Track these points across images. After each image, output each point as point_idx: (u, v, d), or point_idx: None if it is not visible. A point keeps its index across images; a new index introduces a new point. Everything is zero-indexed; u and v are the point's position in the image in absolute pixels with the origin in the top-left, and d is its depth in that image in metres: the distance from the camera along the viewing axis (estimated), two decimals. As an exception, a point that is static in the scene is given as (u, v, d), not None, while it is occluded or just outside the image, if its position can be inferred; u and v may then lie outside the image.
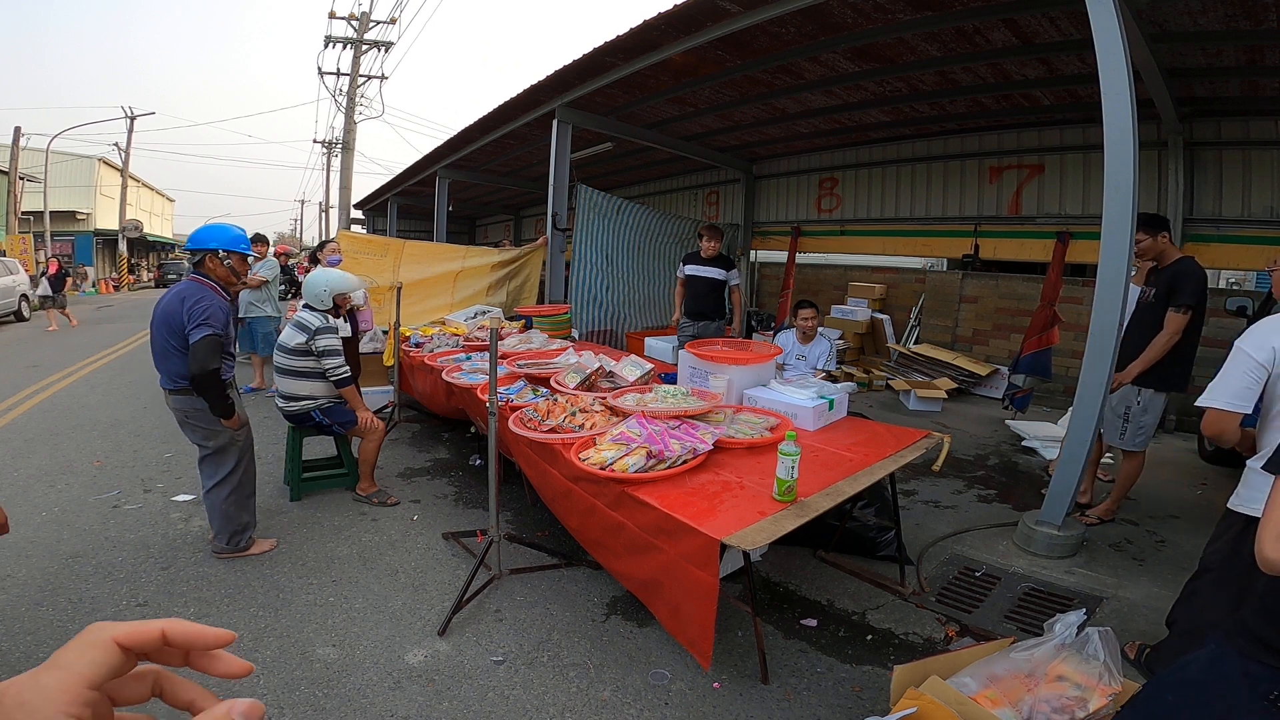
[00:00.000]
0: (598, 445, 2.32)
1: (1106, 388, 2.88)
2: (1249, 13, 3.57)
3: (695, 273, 5.21)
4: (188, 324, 2.62)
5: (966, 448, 4.77)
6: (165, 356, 2.71)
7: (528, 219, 15.51)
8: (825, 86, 5.64)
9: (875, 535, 2.94)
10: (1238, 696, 0.97)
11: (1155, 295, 3.18)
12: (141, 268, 27.10)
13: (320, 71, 15.83)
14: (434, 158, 9.98)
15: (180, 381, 2.68)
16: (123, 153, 22.10)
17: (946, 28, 4.28)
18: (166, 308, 2.70)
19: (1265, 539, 0.92)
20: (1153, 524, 3.46)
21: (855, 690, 2.11)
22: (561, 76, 5.67)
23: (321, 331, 3.33)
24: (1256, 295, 5.23)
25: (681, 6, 4.18)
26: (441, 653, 2.26)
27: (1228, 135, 5.22)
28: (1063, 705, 1.59)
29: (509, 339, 4.42)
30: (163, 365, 2.71)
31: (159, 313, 2.72)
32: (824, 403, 2.81)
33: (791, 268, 8.55)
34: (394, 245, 6.37)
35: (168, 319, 2.68)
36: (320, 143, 23.73)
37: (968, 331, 7.05)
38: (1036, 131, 6.30)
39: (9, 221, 17.01)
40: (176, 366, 2.69)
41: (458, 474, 4.06)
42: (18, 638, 2.27)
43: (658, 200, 10.80)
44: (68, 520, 3.24)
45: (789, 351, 4.23)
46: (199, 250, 2.78)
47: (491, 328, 2.58)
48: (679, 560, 1.87)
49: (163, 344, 2.70)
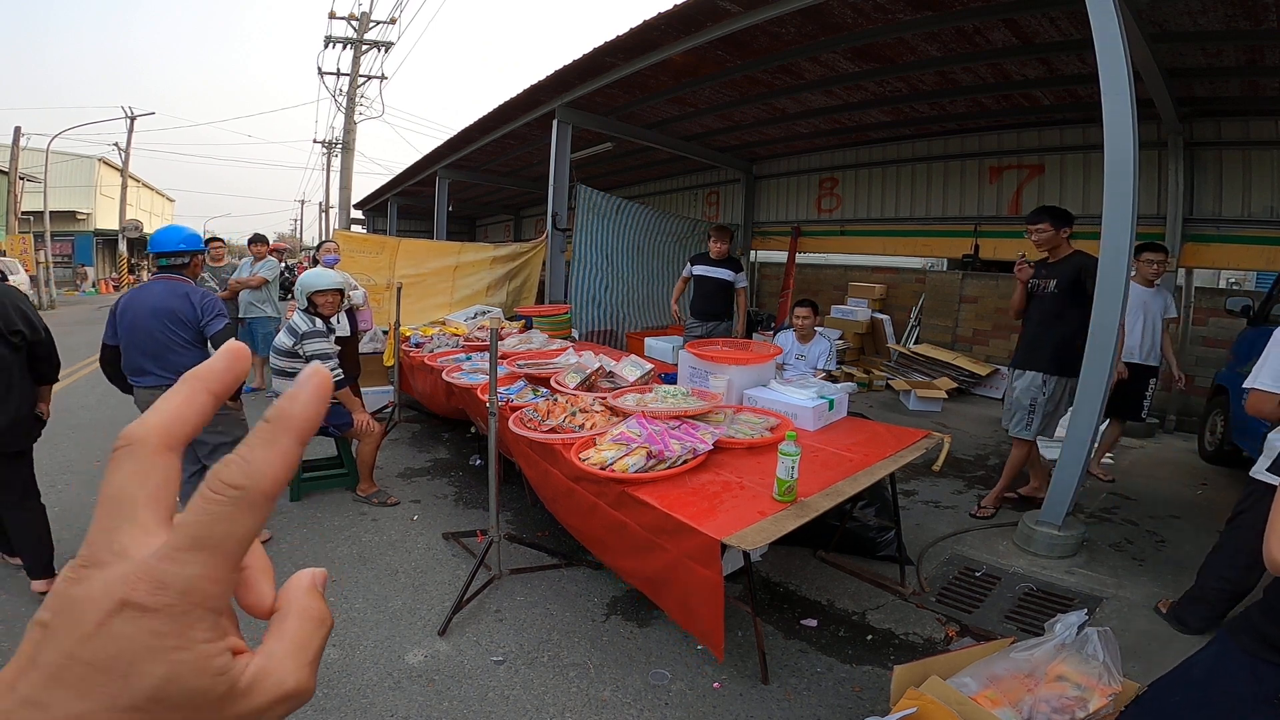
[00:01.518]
0: (598, 445, 2.32)
1: (1106, 387, 2.87)
2: (1249, 13, 3.57)
3: (704, 273, 5.19)
4: (203, 317, 2.68)
5: (966, 448, 4.77)
6: (166, 352, 2.66)
7: (528, 219, 15.51)
8: (825, 86, 5.64)
9: (875, 535, 2.94)
10: (1244, 695, 0.96)
11: (1057, 286, 3.21)
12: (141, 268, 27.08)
13: (320, 71, 15.81)
14: (434, 158, 9.98)
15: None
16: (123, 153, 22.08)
17: (946, 28, 4.28)
18: (164, 304, 2.67)
19: (1273, 542, 0.92)
20: (1153, 524, 3.46)
21: (855, 690, 2.11)
22: (561, 76, 5.67)
23: (309, 336, 3.29)
24: (1257, 295, 5.22)
25: (681, 6, 4.18)
26: (441, 653, 2.26)
27: (1228, 135, 5.22)
28: (1063, 705, 1.59)
29: (509, 339, 4.42)
30: (161, 363, 2.66)
31: (150, 311, 2.66)
32: (824, 403, 2.81)
33: (791, 268, 8.55)
34: (389, 243, 6.40)
35: (172, 315, 2.65)
36: (320, 143, 23.66)
37: (968, 331, 7.05)
38: (1036, 131, 6.30)
39: (9, 221, 17.00)
40: (182, 359, 2.65)
41: (458, 474, 4.06)
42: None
43: (658, 200, 10.80)
44: (68, 520, 3.23)
45: (789, 351, 4.22)
46: (190, 252, 2.82)
47: (491, 328, 2.58)
48: (683, 558, 1.87)
49: (164, 340, 2.66)
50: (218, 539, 0.22)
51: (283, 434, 0.24)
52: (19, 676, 0.21)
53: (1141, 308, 3.80)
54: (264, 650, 0.25)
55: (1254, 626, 1.01)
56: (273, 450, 0.23)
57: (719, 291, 5.19)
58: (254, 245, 5.99)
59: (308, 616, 0.26)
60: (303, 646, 0.25)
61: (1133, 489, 3.99)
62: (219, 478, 0.23)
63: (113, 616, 0.21)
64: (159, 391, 2.62)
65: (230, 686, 0.23)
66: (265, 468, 0.23)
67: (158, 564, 0.22)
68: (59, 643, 0.21)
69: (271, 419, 0.24)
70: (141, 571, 0.22)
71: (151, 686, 0.21)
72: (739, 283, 5.25)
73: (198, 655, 0.22)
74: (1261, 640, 0.98)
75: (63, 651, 0.21)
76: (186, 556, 0.22)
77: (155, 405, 0.25)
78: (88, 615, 0.21)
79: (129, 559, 0.22)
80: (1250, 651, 0.99)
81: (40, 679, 0.21)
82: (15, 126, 16.12)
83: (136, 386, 2.77)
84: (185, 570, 0.22)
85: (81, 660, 0.21)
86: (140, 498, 0.23)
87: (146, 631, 0.21)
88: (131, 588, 0.22)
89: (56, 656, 0.21)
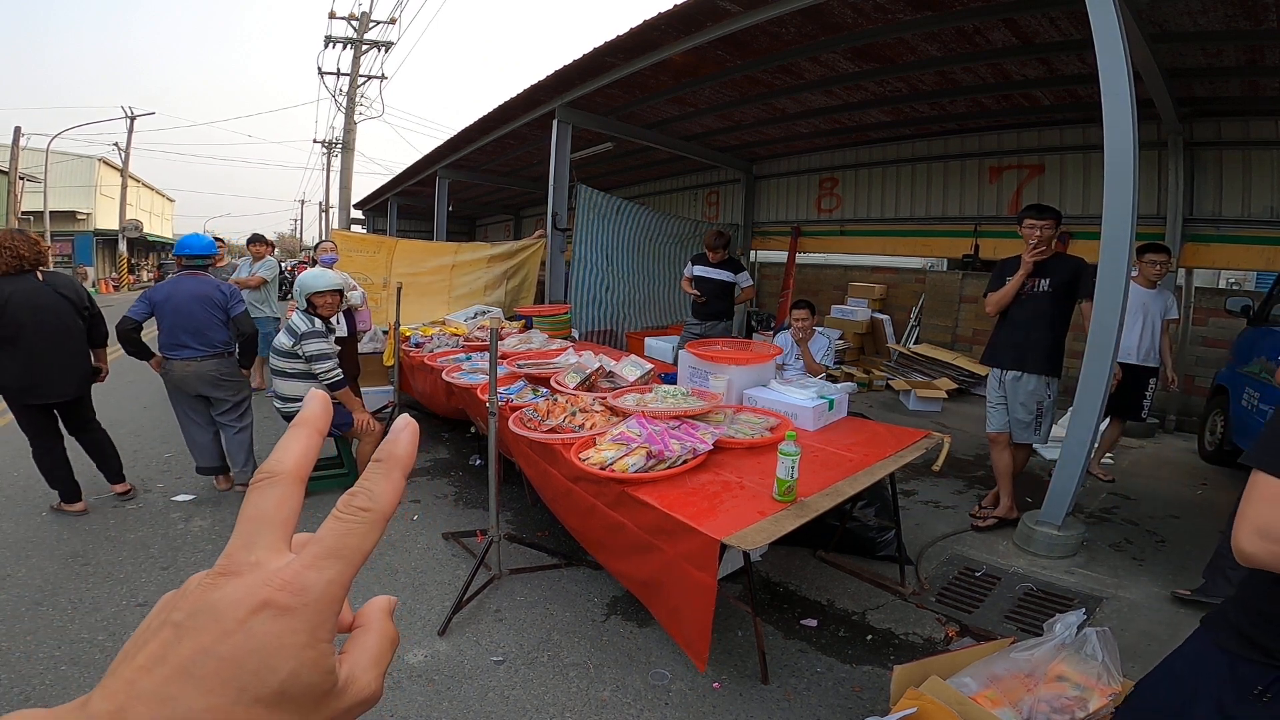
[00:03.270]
0: (598, 445, 2.32)
1: (1107, 387, 2.87)
2: (1249, 13, 3.57)
3: (703, 274, 5.20)
4: (230, 301, 3.47)
5: (966, 448, 4.77)
6: (208, 329, 3.39)
7: (528, 219, 15.51)
8: (825, 86, 5.64)
9: (875, 535, 2.94)
10: (1224, 693, 0.96)
11: (1051, 286, 3.15)
12: (141, 268, 27.08)
13: (320, 71, 15.81)
14: (434, 158, 9.98)
15: (219, 346, 3.44)
16: (123, 153, 22.09)
17: (946, 28, 4.28)
18: (203, 292, 3.42)
19: (1241, 532, 0.90)
20: (1153, 524, 3.46)
21: (855, 690, 2.11)
22: (562, 76, 5.67)
23: (308, 336, 3.31)
24: (1257, 295, 5.23)
25: (681, 6, 4.18)
26: (441, 653, 2.26)
27: (1228, 135, 5.22)
28: (1063, 705, 1.59)
29: (509, 339, 4.42)
30: (200, 339, 3.37)
31: (193, 298, 3.38)
32: (824, 403, 2.81)
33: (791, 268, 8.54)
34: (386, 243, 6.43)
35: (209, 301, 3.42)
36: (320, 143, 23.68)
37: (968, 331, 7.05)
38: (1036, 131, 6.30)
39: (9, 221, 17.00)
40: (221, 334, 3.44)
41: (458, 474, 4.06)
42: (18, 638, 2.28)
43: (658, 200, 10.80)
44: (68, 520, 3.24)
45: (789, 351, 4.22)
46: (211, 255, 3.65)
47: (491, 328, 2.58)
48: (678, 561, 1.86)
49: (205, 319, 3.39)
50: (349, 551, 0.27)
51: (394, 469, 0.29)
52: (142, 674, 0.23)
53: (1141, 308, 3.79)
54: (349, 659, 0.28)
55: (1230, 624, 1.00)
56: (387, 482, 0.29)
57: (718, 292, 5.20)
58: (253, 245, 5.99)
59: (385, 635, 0.30)
60: (379, 660, 0.29)
61: (1133, 489, 3.99)
62: (351, 503, 0.28)
63: (254, 615, 0.24)
64: (194, 362, 3.37)
65: (334, 685, 0.26)
66: (384, 495, 0.29)
67: (300, 570, 0.26)
68: (196, 639, 0.24)
69: (383, 459, 0.30)
70: (284, 576, 0.25)
71: (279, 681, 0.24)
72: (743, 282, 5.25)
73: (319, 653, 0.25)
74: (1239, 637, 0.97)
75: (200, 648, 0.23)
76: (324, 564, 0.26)
77: (285, 446, 0.30)
78: (228, 615, 0.24)
79: (264, 568, 0.26)
80: (1227, 648, 0.99)
81: (169, 674, 0.23)
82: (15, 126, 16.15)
83: (174, 359, 3.36)
84: (323, 576, 0.26)
85: (218, 655, 0.23)
86: (276, 520, 0.28)
87: (284, 629, 0.24)
88: (274, 591, 0.25)
89: (192, 653, 0.23)
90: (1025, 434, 3.26)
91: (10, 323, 2.96)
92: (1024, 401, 3.22)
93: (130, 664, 0.24)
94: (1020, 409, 3.24)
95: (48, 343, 3.07)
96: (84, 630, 2.33)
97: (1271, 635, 0.93)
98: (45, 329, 3.06)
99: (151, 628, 0.25)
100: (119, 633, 2.33)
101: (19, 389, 3.07)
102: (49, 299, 3.09)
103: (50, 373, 3.09)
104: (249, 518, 0.27)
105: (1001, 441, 3.35)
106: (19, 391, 3.08)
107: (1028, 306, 3.22)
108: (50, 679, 2.08)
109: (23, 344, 3.00)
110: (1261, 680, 0.92)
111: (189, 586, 0.26)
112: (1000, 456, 3.36)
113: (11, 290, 2.98)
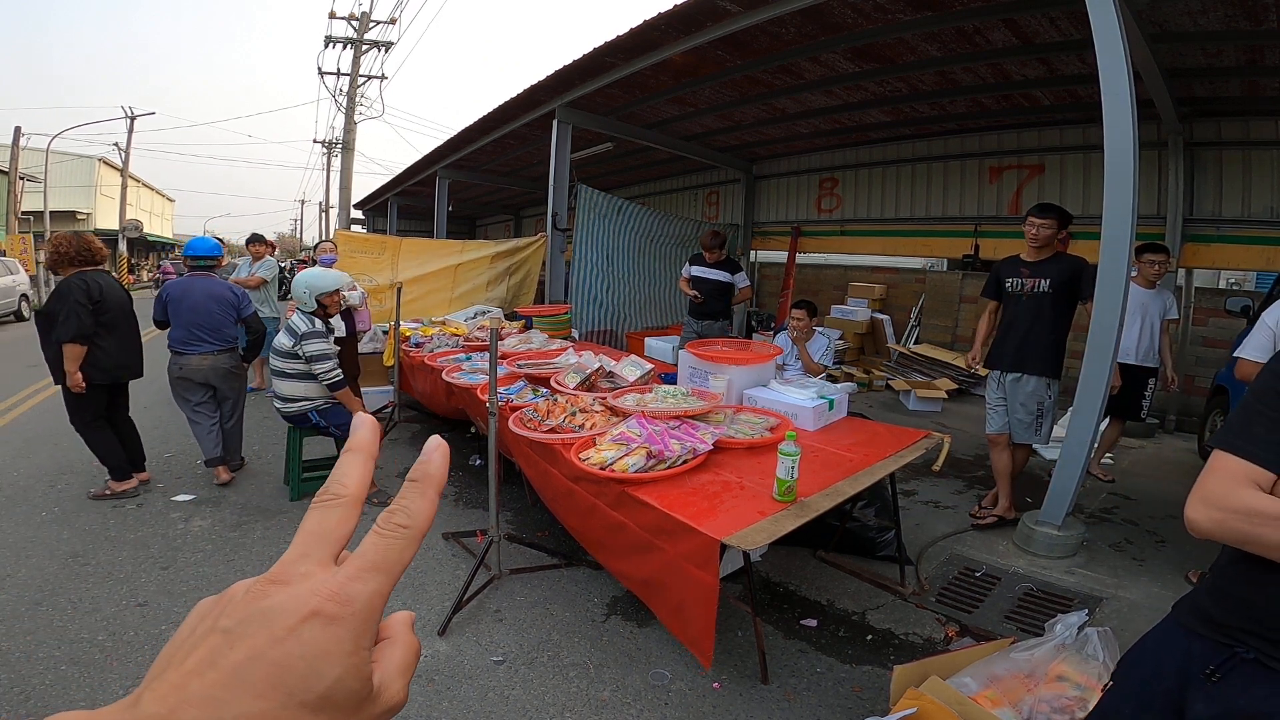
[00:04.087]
0: (598, 445, 2.32)
1: (1107, 387, 2.87)
2: (1249, 13, 3.57)
3: (701, 274, 5.20)
4: (241, 302, 3.77)
5: (966, 448, 4.77)
6: (223, 326, 3.69)
7: (528, 219, 15.51)
8: (825, 86, 5.63)
9: (875, 535, 2.94)
10: (1178, 672, 0.98)
11: (1051, 286, 3.13)
12: (142, 268, 27.09)
13: (320, 71, 15.81)
14: (434, 158, 9.98)
15: (231, 341, 3.74)
16: (123, 153, 22.06)
17: (946, 28, 4.28)
18: (217, 292, 3.70)
19: (1190, 502, 0.96)
20: (1153, 524, 3.46)
21: (855, 690, 2.11)
22: (562, 76, 5.67)
23: (308, 336, 3.30)
24: (1257, 295, 5.23)
25: (681, 6, 4.18)
26: (441, 653, 2.26)
27: (1228, 135, 5.21)
28: (1063, 705, 1.59)
29: (509, 339, 4.42)
30: (217, 335, 3.65)
31: (208, 296, 3.65)
32: (824, 403, 2.81)
33: (791, 268, 8.54)
34: (391, 243, 6.41)
35: (224, 300, 3.70)
36: (320, 143, 23.67)
37: (968, 331, 7.04)
38: (1036, 131, 6.30)
39: (9, 221, 16.98)
40: (233, 331, 3.74)
41: (458, 474, 4.06)
42: (17, 638, 2.27)
43: (658, 200, 10.80)
44: (68, 520, 3.24)
45: (788, 351, 4.22)
46: (218, 257, 3.90)
47: (491, 328, 2.58)
48: (679, 560, 1.87)
49: (221, 317, 3.67)
50: (390, 565, 0.29)
51: (429, 488, 0.31)
52: (192, 677, 0.24)
53: (1140, 309, 3.79)
54: (379, 668, 0.29)
55: (1197, 606, 1.02)
56: (424, 500, 0.31)
57: (716, 292, 5.20)
58: (252, 245, 5.98)
59: (409, 646, 0.32)
60: (406, 669, 0.31)
61: (1133, 489, 3.99)
62: (391, 520, 0.30)
63: (304, 623, 0.26)
64: (210, 356, 3.63)
65: (370, 691, 0.27)
66: (421, 513, 0.30)
67: (345, 582, 0.27)
68: (247, 645, 0.25)
69: (418, 479, 0.31)
70: (331, 587, 0.27)
71: (325, 686, 0.25)
72: (740, 283, 5.25)
73: (361, 661, 0.27)
74: (1201, 617, 0.99)
75: (251, 653, 0.25)
76: (368, 577, 0.28)
77: (346, 471, 0.31)
78: (279, 622, 0.25)
79: (313, 579, 0.27)
80: (1188, 628, 1.01)
81: (220, 678, 0.24)
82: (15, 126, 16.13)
83: (189, 354, 3.60)
84: (367, 588, 0.27)
85: (269, 660, 0.25)
86: (334, 537, 0.29)
87: (330, 637, 0.26)
88: (323, 600, 0.26)
89: (244, 658, 0.25)
90: (1025, 434, 3.26)
91: (109, 309, 3.36)
92: (1024, 402, 3.21)
93: (179, 669, 0.25)
94: (1020, 409, 3.23)
95: (131, 328, 3.54)
96: (84, 630, 2.33)
97: (1227, 609, 0.95)
98: (129, 316, 3.55)
99: (198, 634, 0.26)
100: (119, 633, 2.33)
101: (115, 367, 3.44)
102: (122, 290, 3.53)
103: (136, 355, 3.57)
104: (310, 532, 0.29)
105: (1001, 443, 3.35)
106: (115, 370, 3.44)
107: (1025, 306, 3.21)
108: (50, 679, 2.08)
109: (119, 329, 3.43)
110: (1214, 659, 0.94)
111: (234, 593, 0.27)
112: (1000, 457, 3.36)
113: (103, 283, 3.37)
